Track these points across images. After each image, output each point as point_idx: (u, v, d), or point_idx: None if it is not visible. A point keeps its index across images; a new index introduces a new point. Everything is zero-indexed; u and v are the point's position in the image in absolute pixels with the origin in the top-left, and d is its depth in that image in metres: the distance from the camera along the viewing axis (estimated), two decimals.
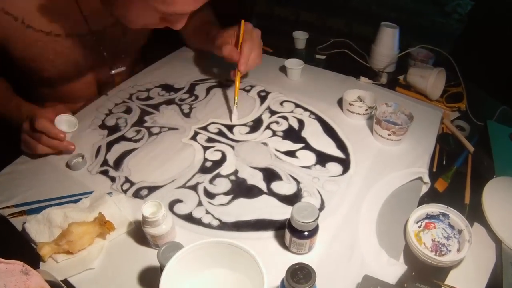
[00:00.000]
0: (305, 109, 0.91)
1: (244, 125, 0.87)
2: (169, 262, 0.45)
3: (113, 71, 0.93)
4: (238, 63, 0.87)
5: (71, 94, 0.95)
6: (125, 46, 0.95)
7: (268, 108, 0.92)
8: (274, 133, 0.84)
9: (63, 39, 0.81)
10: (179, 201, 0.68)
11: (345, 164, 0.76)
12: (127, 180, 0.73)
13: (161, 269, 0.48)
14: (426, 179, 0.72)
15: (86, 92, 0.97)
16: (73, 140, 0.80)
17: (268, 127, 0.86)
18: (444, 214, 0.63)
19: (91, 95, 0.98)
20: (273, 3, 1.66)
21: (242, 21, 0.88)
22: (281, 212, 0.66)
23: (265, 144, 0.81)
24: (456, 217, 0.61)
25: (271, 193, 0.70)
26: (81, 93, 0.96)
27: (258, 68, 1.08)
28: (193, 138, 0.83)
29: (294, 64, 1.03)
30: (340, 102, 0.92)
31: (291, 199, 0.69)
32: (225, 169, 0.75)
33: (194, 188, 0.71)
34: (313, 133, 0.84)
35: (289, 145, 0.81)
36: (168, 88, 1.01)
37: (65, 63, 0.85)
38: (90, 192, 0.69)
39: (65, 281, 0.55)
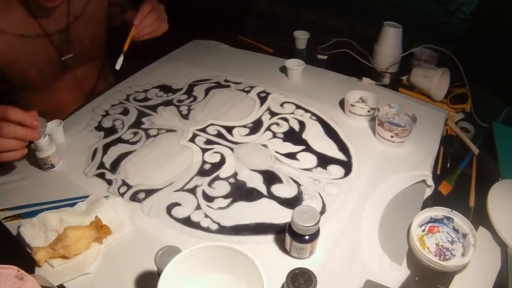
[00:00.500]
0: (306, 111, 0.92)
1: (244, 126, 0.87)
2: (167, 266, 0.45)
3: (63, 58, 0.94)
4: (134, 18, 0.87)
5: (55, 96, 0.99)
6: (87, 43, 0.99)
7: (268, 109, 0.92)
8: (274, 135, 0.84)
9: (35, 40, 0.86)
10: (177, 204, 0.69)
11: (347, 166, 0.76)
12: (124, 183, 0.73)
13: (158, 274, 0.49)
14: (430, 182, 0.72)
15: (69, 93, 1.02)
16: (68, 143, 0.81)
17: (268, 128, 0.86)
18: (448, 218, 0.63)
19: (73, 94, 1.03)
20: (274, 2, 1.66)
21: None
22: (281, 215, 0.66)
23: (265, 146, 0.81)
24: (461, 221, 0.61)
25: (271, 196, 0.70)
26: (65, 94, 1.01)
27: (258, 69, 1.09)
28: (192, 140, 0.83)
29: (295, 65, 1.03)
30: (342, 103, 0.93)
31: (292, 202, 0.69)
32: (224, 172, 0.75)
33: (192, 191, 0.71)
34: (314, 135, 0.84)
35: (290, 147, 0.81)
36: (166, 89, 1.01)
37: (41, 62, 0.90)
38: (86, 196, 0.69)
39: (61, 286, 0.55)
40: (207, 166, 0.76)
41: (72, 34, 0.93)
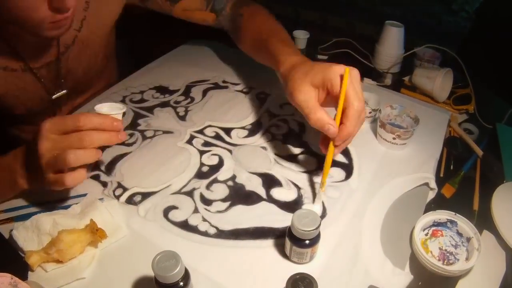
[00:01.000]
0: None
1: (243, 128, 0.87)
2: None
3: (53, 96, 0.85)
4: (335, 139, 0.63)
5: None
6: (82, 75, 0.92)
7: (268, 111, 0.93)
8: (274, 137, 0.84)
9: (21, 74, 0.78)
10: (174, 207, 0.69)
11: (348, 169, 0.76)
12: (119, 185, 0.73)
13: (156, 279, 0.48)
14: (433, 184, 0.72)
15: None
16: None
17: (267, 130, 0.86)
18: (451, 221, 0.63)
19: None
20: (272, 1, 1.67)
21: (347, 70, 0.62)
22: (281, 219, 0.66)
23: (264, 148, 0.81)
24: (465, 224, 0.62)
25: (271, 199, 0.70)
26: None
27: (256, 69, 1.09)
28: (189, 142, 0.83)
29: None
30: None
31: (292, 206, 0.69)
32: (222, 174, 0.75)
33: (190, 194, 0.71)
34: (315, 137, 0.84)
35: (289, 149, 0.81)
36: (162, 90, 1.01)
37: (31, 99, 0.82)
38: (83, 195, 0.69)
39: None
40: (205, 169, 0.76)
41: (62, 67, 0.82)
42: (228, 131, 0.86)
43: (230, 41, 1.13)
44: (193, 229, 0.65)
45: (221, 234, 0.64)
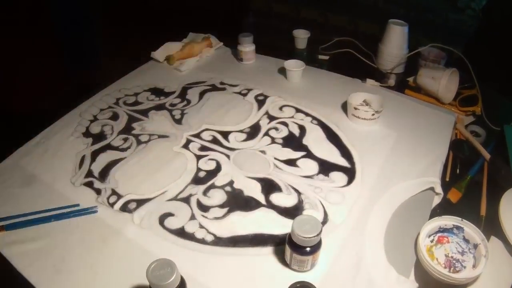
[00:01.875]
0: (307, 114, 0.92)
1: (241, 131, 0.88)
2: None
3: None
4: None
5: None
6: None
7: (267, 113, 0.93)
8: (273, 140, 0.85)
9: None
10: (170, 214, 0.69)
11: (350, 173, 0.77)
12: (113, 192, 0.73)
13: None
14: (439, 189, 0.73)
15: None
16: (54, 150, 0.81)
17: (266, 133, 0.87)
18: (458, 227, 0.63)
19: None
20: None
21: None
22: (281, 226, 0.67)
23: (263, 152, 0.82)
24: (471, 230, 0.62)
25: (270, 205, 0.70)
26: None
27: (255, 70, 1.09)
28: (185, 146, 0.84)
29: (294, 66, 1.04)
30: (344, 106, 0.93)
31: (292, 212, 0.69)
32: (220, 180, 0.76)
33: (186, 200, 0.72)
34: (315, 140, 0.85)
35: (289, 153, 0.81)
36: (158, 92, 1.02)
37: None
38: (76, 205, 0.70)
39: None
40: (201, 174, 0.77)
41: None
42: (225, 134, 0.87)
43: (228, 41, 1.14)
44: (190, 237, 0.65)
45: (219, 241, 0.65)
